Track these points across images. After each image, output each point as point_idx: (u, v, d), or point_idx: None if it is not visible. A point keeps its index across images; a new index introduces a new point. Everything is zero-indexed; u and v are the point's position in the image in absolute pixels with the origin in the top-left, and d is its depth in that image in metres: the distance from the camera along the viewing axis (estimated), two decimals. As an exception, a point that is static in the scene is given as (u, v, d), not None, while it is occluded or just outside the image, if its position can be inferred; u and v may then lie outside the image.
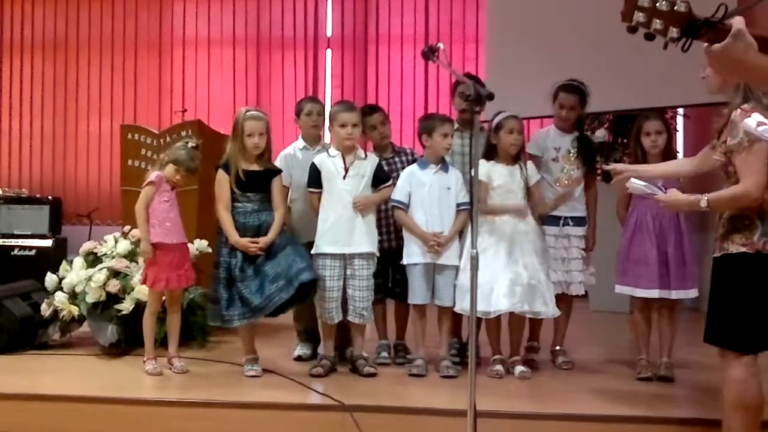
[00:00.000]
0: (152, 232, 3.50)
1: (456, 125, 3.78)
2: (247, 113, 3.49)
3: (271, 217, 3.48)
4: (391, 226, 3.75)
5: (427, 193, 3.55)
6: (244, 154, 3.45)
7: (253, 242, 3.40)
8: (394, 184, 3.63)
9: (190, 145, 3.62)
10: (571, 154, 3.77)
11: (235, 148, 3.45)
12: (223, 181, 3.46)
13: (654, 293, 3.41)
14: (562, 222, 3.73)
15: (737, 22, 1.49)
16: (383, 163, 3.75)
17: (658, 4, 1.48)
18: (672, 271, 3.40)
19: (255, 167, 3.49)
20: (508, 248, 3.44)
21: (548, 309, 3.46)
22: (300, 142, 3.91)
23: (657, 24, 1.50)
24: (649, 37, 1.52)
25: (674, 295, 3.41)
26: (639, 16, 1.50)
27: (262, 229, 3.45)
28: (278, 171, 3.58)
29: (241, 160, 3.45)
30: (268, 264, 3.39)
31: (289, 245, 3.44)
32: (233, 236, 3.41)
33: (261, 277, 3.38)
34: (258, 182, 3.49)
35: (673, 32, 1.50)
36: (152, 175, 3.54)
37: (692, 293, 3.46)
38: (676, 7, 1.49)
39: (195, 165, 3.59)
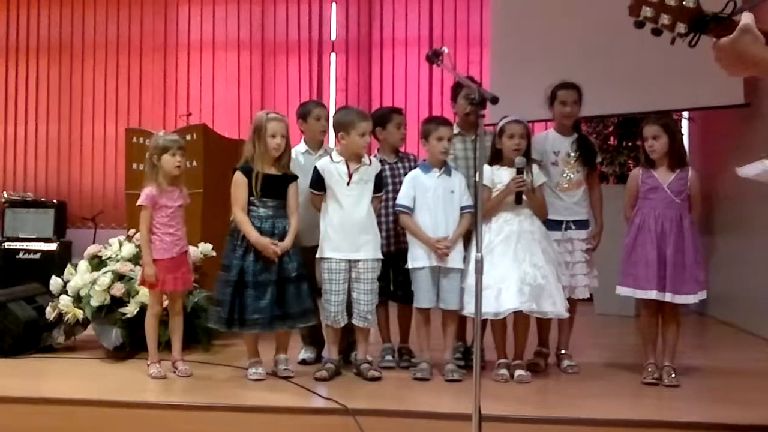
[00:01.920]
0: (152, 248, 3.49)
1: (457, 129, 3.77)
2: (269, 115, 3.51)
3: (285, 223, 3.49)
4: (391, 230, 3.74)
5: (432, 197, 3.54)
6: (266, 156, 3.46)
7: (272, 243, 3.40)
8: (396, 190, 3.63)
9: (160, 133, 3.69)
10: (571, 157, 3.75)
11: (258, 150, 3.45)
12: (241, 183, 3.46)
13: (651, 294, 3.39)
14: (564, 226, 3.71)
15: (745, 17, 1.48)
16: (386, 167, 3.76)
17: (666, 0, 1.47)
18: (669, 273, 3.36)
19: (273, 171, 3.49)
20: (515, 248, 3.43)
21: (557, 308, 3.43)
22: (302, 146, 3.89)
23: (665, 19, 1.48)
24: (656, 32, 1.51)
25: (668, 297, 3.36)
26: (647, 11, 1.48)
27: (276, 236, 3.44)
28: (295, 177, 3.58)
29: (263, 162, 3.45)
30: (283, 285, 3.41)
31: (305, 281, 3.47)
32: (253, 235, 3.39)
33: (270, 294, 3.38)
34: (275, 187, 3.48)
35: (681, 28, 1.49)
36: (141, 197, 3.50)
37: (691, 298, 3.40)
38: (684, 3, 1.47)
39: (179, 140, 3.60)
